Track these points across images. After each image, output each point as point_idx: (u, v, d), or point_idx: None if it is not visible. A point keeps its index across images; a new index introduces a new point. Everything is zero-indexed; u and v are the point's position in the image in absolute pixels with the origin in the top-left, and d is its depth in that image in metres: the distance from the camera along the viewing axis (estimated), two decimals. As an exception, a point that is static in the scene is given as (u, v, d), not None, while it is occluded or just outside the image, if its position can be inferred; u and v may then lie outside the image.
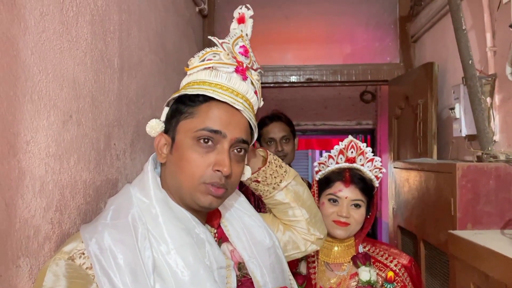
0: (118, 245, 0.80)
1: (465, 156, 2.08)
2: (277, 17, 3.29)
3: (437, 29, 2.66)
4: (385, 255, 1.44)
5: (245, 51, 0.94)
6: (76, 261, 0.80)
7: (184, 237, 0.86)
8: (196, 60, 0.94)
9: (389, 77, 3.15)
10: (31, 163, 0.90)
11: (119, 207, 0.89)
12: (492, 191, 1.47)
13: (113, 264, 0.78)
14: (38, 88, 0.92)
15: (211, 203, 0.89)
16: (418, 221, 1.90)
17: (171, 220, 0.87)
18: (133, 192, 0.91)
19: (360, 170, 1.41)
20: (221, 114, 0.89)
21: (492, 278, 1.14)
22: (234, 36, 0.95)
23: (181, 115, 0.91)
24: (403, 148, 2.92)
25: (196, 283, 0.82)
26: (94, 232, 0.83)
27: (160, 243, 0.84)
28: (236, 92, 0.91)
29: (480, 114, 1.75)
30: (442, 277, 1.66)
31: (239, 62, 0.92)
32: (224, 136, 0.88)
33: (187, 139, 0.89)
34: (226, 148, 0.88)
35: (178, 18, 2.31)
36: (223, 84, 0.90)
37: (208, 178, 0.87)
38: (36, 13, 0.91)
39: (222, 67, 0.91)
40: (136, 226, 0.84)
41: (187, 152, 0.88)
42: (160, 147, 0.94)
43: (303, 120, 5.13)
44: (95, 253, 0.79)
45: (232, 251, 0.98)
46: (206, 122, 0.88)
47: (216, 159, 0.87)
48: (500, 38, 1.81)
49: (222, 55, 0.92)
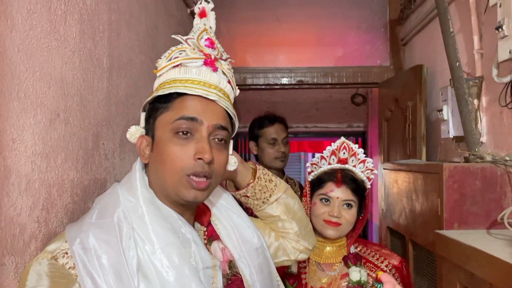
0: (102, 245, 0.80)
1: (453, 158, 2.10)
2: (269, 19, 3.30)
3: (426, 32, 2.69)
4: (376, 256, 1.45)
5: (211, 43, 0.93)
6: (59, 261, 0.79)
7: (170, 237, 0.85)
8: (164, 60, 0.95)
9: (380, 80, 3.17)
10: (17, 161, 0.89)
11: (106, 206, 0.88)
12: (479, 192, 1.49)
13: (97, 264, 0.77)
14: (24, 86, 0.92)
15: (196, 196, 0.88)
16: (406, 221, 1.92)
17: (157, 220, 0.86)
18: (120, 191, 0.90)
19: (352, 171, 1.42)
20: (196, 104, 0.89)
21: (477, 277, 1.16)
22: (198, 30, 0.95)
23: (157, 112, 0.91)
24: (393, 150, 2.94)
25: (181, 283, 0.82)
26: (79, 231, 0.82)
27: (145, 242, 0.83)
28: (208, 84, 0.90)
29: (467, 116, 1.77)
30: (430, 276, 1.68)
31: (207, 55, 0.92)
32: (201, 123, 0.88)
33: (166, 133, 0.89)
34: (205, 135, 0.88)
35: (169, 19, 2.31)
36: (194, 79, 0.90)
37: (190, 168, 0.86)
38: (23, 10, 0.91)
39: (190, 62, 0.91)
40: (121, 226, 0.83)
41: (166, 145, 0.88)
42: (142, 149, 0.94)
43: (295, 122, 5.14)
44: (79, 253, 0.78)
45: (223, 249, 0.98)
46: (182, 112, 0.88)
47: (196, 148, 0.87)
48: (487, 41, 1.83)
49: (188, 50, 0.92)
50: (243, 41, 3.24)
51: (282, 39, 3.36)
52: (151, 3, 1.94)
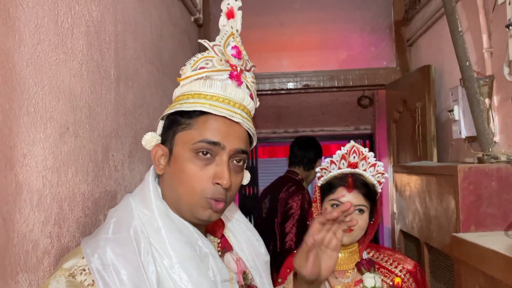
0: (121, 260, 0.78)
1: (465, 158, 2.07)
2: (273, 24, 3.30)
3: (432, 32, 2.67)
4: (390, 261, 1.42)
5: (238, 52, 0.91)
6: (77, 278, 0.77)
7: (187, 251, 0.84)
8: (188, 69, 0.91)
9: (386, 81, 3.15)
10: (28, 177, 0.89)
11: (120, 219, 0.87)
12: (495, 193, 1.46)
13: (117, 280, 0.76)
14: (34, 101, 0.91)
15: (210, 216, 0.88)
16: (420, 224, 1.89)
17: (173, 233, 0.85)
18: (134, 203, 0.89)
19: (363, 175, 1.40)
20: (219, 125, 0.87)
21: (498, 280, 1.13)
22: (225, 34, 0.92)
23: (178, 126, 0.89)
24: (403, 152, 2.91)
25: None
26: (96, 247, 0.80)
27: (163, 257, 0.82)
28: (233, 102, 0.88)
29: (479, 116, 1.74)
30: (447, 281, 1.64)
31: (233, 66, 0.90)
32: (223, 148, 0.86)
33: (185, 151, 0.87)
34: (225, 160, 0.87)
35: (174, 28, 2.31)
36: (219, 95, 0.87)
37: (209, 192, 0.86)
38: (31, 25, 0.90)
39: (216, 74, 0.89)
40: (138, 240, 0.82)
41: (185, 165, 0.86)
42: (157, 158, 0.92)
43: (301, 126, 5.13)
44: (98, 269, 0.77)
45: (237, 260, 0.97)
46: (204, 134, 0.86)
47: (216, 172, 0.86)
48: (496, 39, 1.81)
49: (215, 61, 0.89)
50: (248, 47, 3.21)
51: (286, 44, 3.35)
52: (156, 12, 1.94)
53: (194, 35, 2.93)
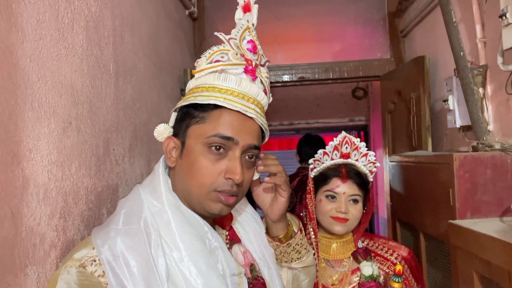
0: (131, 252, 0.79)
1: (460, 147, 2.10)
2: (267, 17, 3.30)
3: (426, 23, 2.69)
4: (385, 249, 1.44)
5: (253, 47, 0.90)
6: (88, 269, 0.78)
7: (197, 244, 0.85)
8: (203, 61, 0.90)
9: (381, 73, 3.17)
10: (34, 171, 0.90)
11: (130, 211, 0.87)
12: (489, 180, 1.49)
13: (126, 272, 0.77)
14: (38, 96, 0.92)
15: (221, 210, 0.88)
16: (416, 213, 1.92)
17: (183, 226, 0.85)
18: (143, 194, 0.89)
19: (355, 165, 1.41)
20: (233, 120, 0.86)
21: (494, 265, 1.16)
22: (241, 28, 0.91)
23: (192, 119, 0.88)
24: (398, 142, 2.94)
25: None
26: (107, 238, 0.81)
27: (173, 249, 0.82)
28: (247, 96, 0.88)
29: (473, 105, 1.77)
30: (444, 267, 1.68)
31: (248, 61, 0.89)
32: (236, 143, 0.86)
33: (198, 145, 0.87)
34: (238, 155, 0.87)
35: (169, 22, 2.32)
36: (234, 89, 0.87)
37: (219, 186, 0.86)
38: (32, 21, 0.91)
39: (231, 68, 0.88)
40: (148, 233, 0.82)
41: (198, 159, 0.86)
42: (169, 150, 0.91)
43: (296, 119, 5.15)
44: (108, 260, 0.77)
45: (244, 252, 0.98)
46: (218, 128, 0.85)
47: (228, 167, 0.86)
48: (490, 29, 1.83)
49: (231, 54, 0.88)
50: (243, 41, 3.23)
51: (281, 37, 3.36)
52: (151, 7, 1.94)
53: (189, 29, 2.93)
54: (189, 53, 2.89)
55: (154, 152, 1.81)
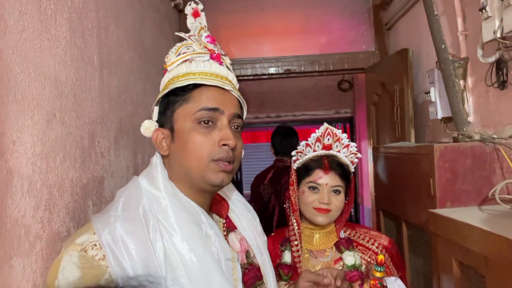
0: (130, 236, 0.82)
1: (441, 138, 2.15)
2: (253, 9, 3.30)
3: (410, 16, 2.72)
4: (366, 238, 1.47)
5: (212, 39, 1.00)
6: (89, 252, 0.81)
7: (193, 229, 0.89)
8: (172, 56, 0.98)
9: (365, 65, 3.20)
10: (18, 163, 0.90)
11: (129, 198, 0.90)
12: (469, 170, 1.53)
13: (125, 254, 0.80)
14: (21, 88, 0.92)
15: (223, 180, 0.93)
16: (399, 203, 1.96)
17: (180, 212, 0.89)
18: (142, 183, 0.93)
19: (337, 156, 1.43)
20: (214, 94, 0.93)
21: (472, 251, 1.20)
22: (196, 28, 1.00)
23: (175, 104, 0.94)
24: (382, 134, 2.99)
25: (206, 273, 0.86)
26: (107, 223, 0.84)
27: (171, 234, 0.86)
28: (220, 75, 0.96)
29: (454, 97, 1.80)
30: (425, 255, 1.72)
31: (211, 50, 0.98)
32: (222, 112, 0.93)
33: (187, 123, 0.92)
34: (226, 124, 0.93)
35: (155, 14, 2.30)
36: (206, 71, 0.95)
37: (216, 154, 0.91)
38: (15, 12, 0.91)
39: (198, 57, 0.96)
40: (147, 218, 0.86)
41: (190, 135, 0.91)
42: (158, 141, 0.96)
43: (283, 111, 5.17)
44: (108, 243, 0.81)
45: (241, 239, 1.02)
46: (202, 103, 0.92)
47: (220, 135, 0.91)
48: (471, 22, 1.87)
49: (195, 46, 0.97)
50: (228, 33, 3.22)
51: (267, 29, 3.36)
52: (136, -2, 1.93)
53: (175, 21, 2.91)
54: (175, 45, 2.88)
55: (140, 145, 1.81)
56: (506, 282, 1.04)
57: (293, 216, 1.44)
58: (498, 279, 1.07)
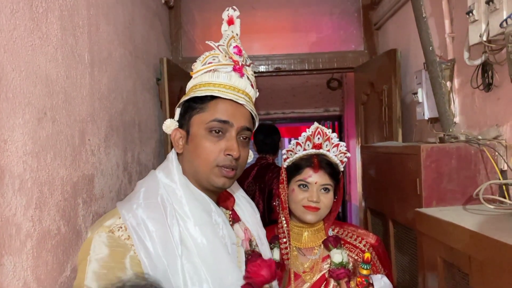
0: (151, 220, 0.94)
1: (428, 138, 2.18)
2: (244, 7, 3.29)
3: (399, 17, 2.75)
4: (354, 236, 1.49)
5: (239, 50, 1.07)
6: (115, 233, 0.92)
7: (204, 216, 1.01)
8: (199, 64, 1.07)
9: (355, 64, 3.23)
10: (9, 162, 0.90)
11: (148, 189, 1.02)
12: (454, 170, 1.55)
13: (147, 235, 0.92)
14: (12, 86, 0.92)
15: (224, 183, 1.04)
16: (386, 201, 1.99)
17: (193, 202, 1.01)
18: (159, 176, 1.04)
19: (327, 155, 1.45)
20: (227, 107, 1.03)
21: (457, 250, 1.23)
22: (227, 37, 1.08)
23: (193, 111, 1.04)
24: (370, 133, 3.02)
25: (215, 254, 0.98)
26: (130, 209, 0.96)
27: (185, 220, 0.98)
28: (237, 89, 1.05)
29: (441, 98, 1.84)
30: (411, 253, 1.75)
31: (235, 62, 1.06)
32: (232, 125, 1.02)
33: (201, 130, 1.03)
34: (234, 135, 1.03)
35: (145, 10, 2.29)
36: (226, 84, 1.04)
37: (221, 161, 1.02)
38: (6, 10, 0.90)
39: (222, 68, 1.05)
40: (165, 206, 0.98)
41: (201, 141, 1.02)
42: (176, 140, 1.07)
43: (272, 109, 5.18)
44: (133, 225, 0.92)
45: (245, 229, 1.15)
46: (216, 115, 1.02)
47: (226, 145, 1.02)
48: (458, 25, 1.90)
49: (220, 57, 1.05)
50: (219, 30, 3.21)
51: (258, 27, 3.37)
52: (127, -5, 1.92)
53: (165, 17, 2.90)
54: (165, 42, 2.87)
55: (129, 142, 1.81)
56: (489, 281, 1.07)
57: (283, 214, 1.46)
58: (481, 277, 1.11)
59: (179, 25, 3.12)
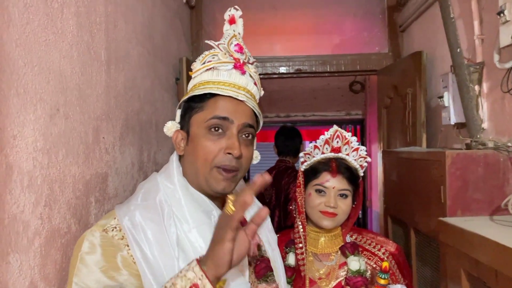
0: (148, 222, 0.92)
1: (454, 144, 2.10)
2: (265, 8, 3.27)
3: (424, 18, 2.67)
4: (373, 244, 1.44)
5: (240, 48, 1.04)
6: (109, 233, 0.91)
7: (203, 218, 0.98)
8: (198, 64, 1.04)
9: (378, 67, 3.15)
10: (18, 158, 0.88)
11: (148, 190, 1.00)
12: (481, 178, 1.48)
13: (143, 237, 0.90)
14: (24, 82, 0.91)
15: (224, 188, 0.99)
16: (408, 209, 1.92)
17: (191, 203, 0.98)
18: (159, 178, 1.02)
19: (346, 159, 1.40)
20: (227, 104, 0.98)
21: (482, 264, 1.16)
22: (228, 36, 1.04)
23: (193, 110, 1.01)
24: (393, 138, 2.94)
25: None
26: (127, 211, 0.94)
27: (182, 222, 0.96)
28: (237, 86, 1.00)
29: (468, 102, 1.76)
30: (433, 264, 1.68)
31: (236, 59, 1.02)
32: (232, 122, 0.98)
33: (200, 129, 0.99)
34: (235, 133, 0.98)
35: (165, 10, 2.29)
36: (225, 81, 1.00)
37: (220, 160, 0.97)
38: (20, 4, 0.89)
39: (221, 66, 1.01)
40: (163, 208, 0.96)
41: (201, 140, 0.98)
42: (177, 142, 1.04)
43: (293, 111, 5.13)
44: (128, 227, 0.91)
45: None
46: (215, 112, 0.98)
47: (227, 143, 0.97)
48: (488, 26, 1.81)
49: (220, 55, 1.02)
50: (240, 31, 3.19)
51: (279, 28, 3.33)
52: (147, -7, 1.91)
53: (186, 17, 2.89)
54: (186, 42, 2.86)
55: (146, 142, 1.80)
56: (517, 298, 1.00)
57: (299, 218, 1.42)
58: (508, 294, 1.04)
59: (200, 25, 3.10)
